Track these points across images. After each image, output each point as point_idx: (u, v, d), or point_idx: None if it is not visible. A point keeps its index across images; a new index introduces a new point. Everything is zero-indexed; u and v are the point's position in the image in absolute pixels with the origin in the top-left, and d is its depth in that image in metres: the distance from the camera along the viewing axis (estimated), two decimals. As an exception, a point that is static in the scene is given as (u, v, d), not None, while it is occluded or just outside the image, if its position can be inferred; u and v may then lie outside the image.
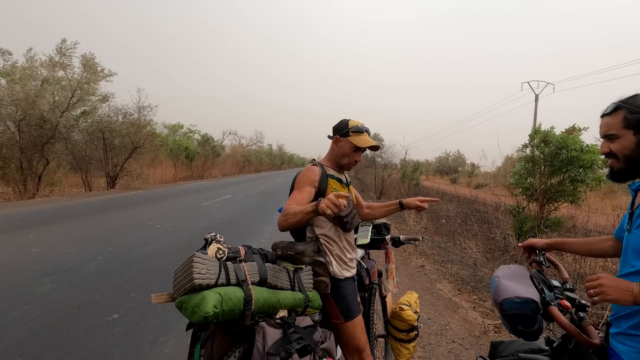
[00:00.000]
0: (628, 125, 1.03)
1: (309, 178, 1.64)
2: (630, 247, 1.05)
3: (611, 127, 1.07)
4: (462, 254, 6.21)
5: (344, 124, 1.72)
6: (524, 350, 1.33)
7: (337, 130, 1.73)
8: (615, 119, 1.06)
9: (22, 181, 11.37)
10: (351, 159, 1.71)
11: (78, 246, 5.04)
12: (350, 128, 1.68)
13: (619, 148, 1.05)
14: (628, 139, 1.03)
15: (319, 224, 1.67)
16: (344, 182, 1.78)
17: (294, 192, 1.64)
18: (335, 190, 1.68)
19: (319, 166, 1.71)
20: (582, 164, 5.85)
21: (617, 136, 1.06)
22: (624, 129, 1.04)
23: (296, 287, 1.44)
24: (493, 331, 3.19)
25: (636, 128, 1.02)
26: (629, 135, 1.03)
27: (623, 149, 1.05)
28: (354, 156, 1.71)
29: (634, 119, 1.02)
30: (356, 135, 1.68)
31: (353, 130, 1.68)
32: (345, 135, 1.69)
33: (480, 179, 32.22)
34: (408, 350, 2.05)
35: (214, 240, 1.35)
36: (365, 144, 1.68)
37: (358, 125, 1.69)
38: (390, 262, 2.25)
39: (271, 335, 1.23)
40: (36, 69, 12.30)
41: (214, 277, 1.21)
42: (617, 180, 1.12)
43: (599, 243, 1.38)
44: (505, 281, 1.27)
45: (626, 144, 1.04)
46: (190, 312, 1.16)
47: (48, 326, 2.78)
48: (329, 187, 1.66)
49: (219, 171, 28.55)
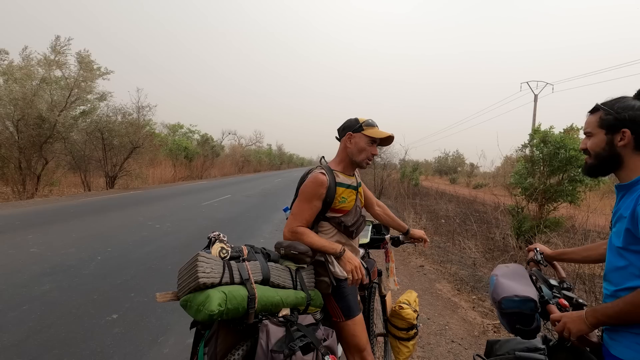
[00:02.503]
0: (601, 125, 1.11)
1: (316, 192, 1.59)
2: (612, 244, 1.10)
3: (589, 125, 1.16)
4: (462, 254, 6.22)
5: (354, 120, 1.70)
6: (521, 348, 1.33)
7: (348, 128, 1.69)
8: (594, 118, 1.15)
9: (20, 181, 11.35)
10: (368, 153, 1.68)
11: (77, 246, 5.03)
12: (362, 122, 1.67)
13: (592, 145, 1.14)
14: (600, 138, 1.12)
15: (324, 230, 1.67)
16: (354, 186, 1.74)
17: (299, 205, 1.61)
18: (344, 199, 1.65)
19: (327, 173, 1.64)
20: (581, 164, 5.86)
21: (592, 134, 1.15)
22: (598, 128, 1.12)
23: (298, 286, 1.47)
24: (492, 331, 3.19)
25: (607, 128, 1.10)
26: (601, 135, 1.12)
27: (595, 147, 1.13)
28: (370, 150, 1.68)
29: (607, 120, 1.10)
30: (369, 128, 1.66)
31: (366, 124, 1.67)
32: (358, 130, 1.67)
33: (479, 179, 32.28)
34: (407, 348, 2.06)
35: (218, 240, 1.36)
36: (381, 135, 1.66)
37: (368, 120, 1.68)
38: (390, 261, 2.27)
39: (274, 333, 1.25)
40: (33, 67, 12.28)
41: (218, 276, 1.23)
42: (589, 175, 1.22)
43: (596, 248, 1.40)
44: (503, 280, 1.27)
45: (597, 142, 1.13)
46: (195, 311, 1.18)
47: (47, 326, 2.77)
48: (337, 198, 1.63)
49: (218, 171, 28.54)
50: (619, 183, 1.12)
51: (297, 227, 1.58)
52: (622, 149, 1.07)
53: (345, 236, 1.69)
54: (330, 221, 1.66)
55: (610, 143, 1.09)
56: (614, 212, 1.13)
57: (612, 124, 1.08)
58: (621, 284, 1.04)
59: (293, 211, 1.63)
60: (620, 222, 1.06)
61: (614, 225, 1.11)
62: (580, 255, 1.44)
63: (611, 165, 1.12)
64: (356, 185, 1.76)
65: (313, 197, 1.59)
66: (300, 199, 1.62)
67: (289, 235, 1.60)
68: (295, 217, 1.60)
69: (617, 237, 1.06)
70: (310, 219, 1.62)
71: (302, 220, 1.60)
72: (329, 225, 1.66)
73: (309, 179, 1.64)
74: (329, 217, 1.65)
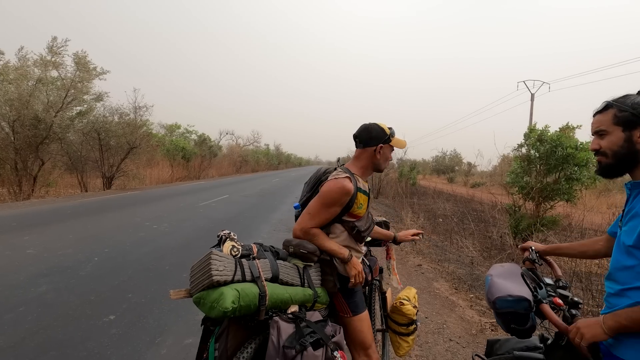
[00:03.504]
0: (617, 122, 1.08)
1: (340, 199, 1.57)
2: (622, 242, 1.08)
3: (602, 123, 1.12)
4: (459, 253, 6.24)
5: (380, 130, 1.70)
6: (519, 348, 1.34)
7: (378, 139, 1.69)
8: (606, 116, 1.11)
9: (17, 182, 11.28)
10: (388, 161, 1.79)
11: (74, 247, 5.01)
12: (389, 134, 1.72)
13: (608, 144, 1.10)
14: (617, 135, 1.09)
15: (334, 232, 1.68)
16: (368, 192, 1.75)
17: (318, 207, 1.59)
18: (361, 205, 1.65)
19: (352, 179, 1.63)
20: (578, 162, 5.89)
21: (607, 132, 1.11)
22: (614, 126, 1.09)
23: (306, 284, 1.51)
24: (490, 329, 3.21)
25: (625, 125, 1.07)
26: (617, 132, 1.08)
27: (612, 145, 1.10)
28: (390, 157, 1.79)
29: (623, 117, 1.07)
30: (395, 138, 1.75)
31: (392, 135, 1.73)
32: (387, 141, 1.72)
33: (476, 178, 32.37)
34: (407, 343, 2.10)
35: (228, 238, 1.39)
36: (404, 146, 1.78)
37: (392, 130, 1.74)
38: (392, 259, 2.28)
39: (285, 330, 1.28)
40: (29, 68, 12.20)
41: (231, 274, 1.27)
42: (605, 176, 1.17)
43: (592, 244, 1.40)
44: (498, 280, 1.28)
45: (615, 140, 1.09)
46: (209, 308, 1.21)
47: (44, 328, 2.76)
48: (356, 203, 1.63)
49: (216, 171, 28.47)
50: (633, 181, 1.10)
51: (310, 228, 1.59)
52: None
53: (354, 240, 1.70)
54: (344, 224, 1.66)
55: (629, 140, 1.06)
56: (626, 211, 1.10)
57: (630, 119, 1.06)
58: (629, 282, 1.03)
59: (309, 210, 1.61)
60: (634, 220, 1.04)
61: (626, 223, 1.08)
62: (577, 250, 1.44)
63: (629, 164, 1.09)
64: (368, 190, 1.78)
65: (335, 204, 1.59)
66: (321, 201, 1.59)
67: (300, 234, 1.61)
68: (311, 217, 1.60)
69: (628, 236, 1.04)
70: (325, 222, 1.63)
71: (318, 222, 1.60)
72: (341, 229, 1.67)
73: (335, 185, 1.57)
74: (343, 220, 1.66)
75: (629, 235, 1.04)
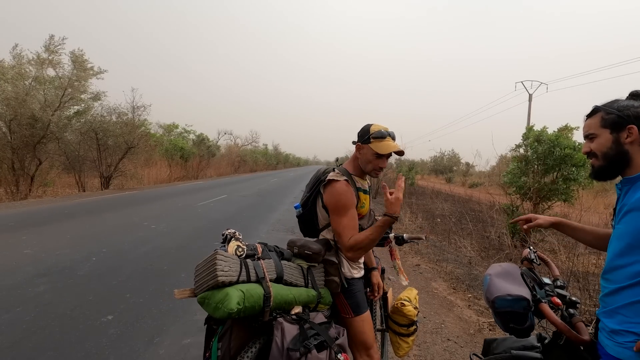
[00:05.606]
0: (604, 124, 1.12)
1: (351, 201, 1.59)
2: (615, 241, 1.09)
3: (591, 127, 1.16)
4: (457, 253, 6.25)
5: (366, 129, 1.65)
6: (517, 347, 1.34)
7: (359, 137, 1.67)
8: (594, 120, 1.15)
9: (14, 182, 11.23)
10: (375, 166, 1.63)
11: (72, 247, 4.99)
12: (372, 134, 1.61)
13: (597, 146, 1.14)
14: (605, 137, 1.12)
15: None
16: (367, 190, 1.75)
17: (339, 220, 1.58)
18: (363, 204, 1.66)
19: (349, 179, 1.63)
20: (575, 162, 5.92)
21: (596, 135, 1.14)
22: (602, 129, 1.12)
23: (309, 284, 1.50)
24: (488, 329, 3.22)
25: (612, 127, 1.10)
26: (605, 134, 1.12)
27: (601, 147, 1.13)
28: (377, 163, 1.62)
29: (610, 119, 1.11)
30: (377, 141, 1.60)
31: (374, 136, 1.60)
32: (366, 141, 1.62)
33: (474, 178, 32.43)
34: (407, 343, 2.11)
35: (233, 238, 1.38)
36: (385, 150, 1.59)
37: (380, 130, 1.61)
38: (396, 259, 2.28)
39: (289, 331, 1.28)
40: (24, 66, 12.13)
41: (236, 275, 1.26)
42: (598, 179, 1.19)
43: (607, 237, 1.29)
44: (497, 279, 1.28)
45: (603, 142, 1.12)
46: (214, 308, 1.20)
47: (41, 328, 2.75)
48: (359, 203, 1.64)
49: (214, 171, 28.42)
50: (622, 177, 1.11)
51: (349, 241, 1.57)
52: (630, 145, 1.07)
53: None
54: None
55: (616, 141, 1.09)
56: (618, 209, 1.11)
57: (617, 121, 1.09)
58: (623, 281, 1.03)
59: (336, 229, 1.60)
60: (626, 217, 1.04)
61: (618, 221, 1.09)
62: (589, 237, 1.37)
63: (620, 165, 1.10)
64: (368, 189, 1.78)
65: (350, 207, 1.59)
66: (338, 213, 1.58)
67: (351, 254, 1.60)
68: (342, 233, 1.58)
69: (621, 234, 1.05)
70: (356, 227, 1.61)
71: (351, 231, 1.58)
72: None
73: (336, 191, 1.58)
74: None
75: (621, 233, 1.05)
